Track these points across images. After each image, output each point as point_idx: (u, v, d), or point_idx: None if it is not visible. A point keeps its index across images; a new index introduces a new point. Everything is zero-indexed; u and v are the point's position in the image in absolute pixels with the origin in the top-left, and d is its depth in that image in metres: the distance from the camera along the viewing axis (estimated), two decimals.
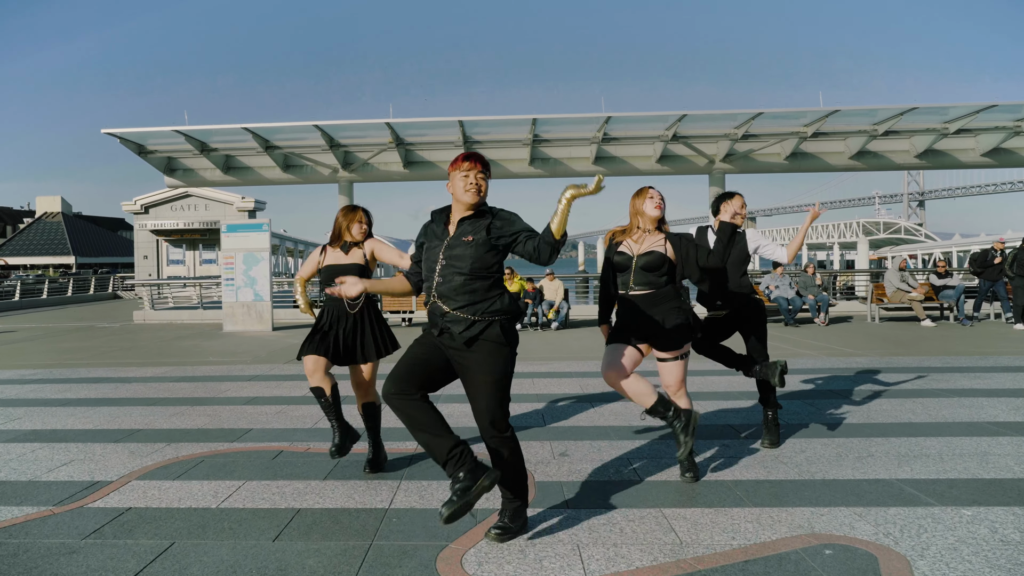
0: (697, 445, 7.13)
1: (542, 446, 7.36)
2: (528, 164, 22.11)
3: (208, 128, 20.75)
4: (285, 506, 5.69)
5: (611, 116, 19.73)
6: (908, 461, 6.60)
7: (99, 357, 15.56)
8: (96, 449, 7.60)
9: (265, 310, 20.91)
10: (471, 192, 4.70)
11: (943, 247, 72.29)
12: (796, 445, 7.23)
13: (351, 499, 5.83)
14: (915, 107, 19.52)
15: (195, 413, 9.32)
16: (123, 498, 5.97)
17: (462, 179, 4.71)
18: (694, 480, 6.08)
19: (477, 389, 4.69)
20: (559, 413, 8.92)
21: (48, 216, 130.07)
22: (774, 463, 6.61)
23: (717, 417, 8.57)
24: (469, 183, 4.69)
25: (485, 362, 4.66)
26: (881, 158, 22.50)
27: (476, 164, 4.74)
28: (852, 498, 5.62)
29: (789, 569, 4.34)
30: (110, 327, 23.45)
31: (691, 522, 5.15)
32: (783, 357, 13.43)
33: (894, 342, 16.01)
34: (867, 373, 11.51)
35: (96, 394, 10.89)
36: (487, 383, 4.66)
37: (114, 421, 8.97)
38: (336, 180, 22.76)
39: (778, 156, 22.32)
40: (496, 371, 4.67)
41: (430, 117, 20.03)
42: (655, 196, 6.06)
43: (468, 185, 4.69)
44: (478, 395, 4.69)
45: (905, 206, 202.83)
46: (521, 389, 10.26)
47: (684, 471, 6.14)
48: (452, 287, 4.66)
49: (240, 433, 8.19)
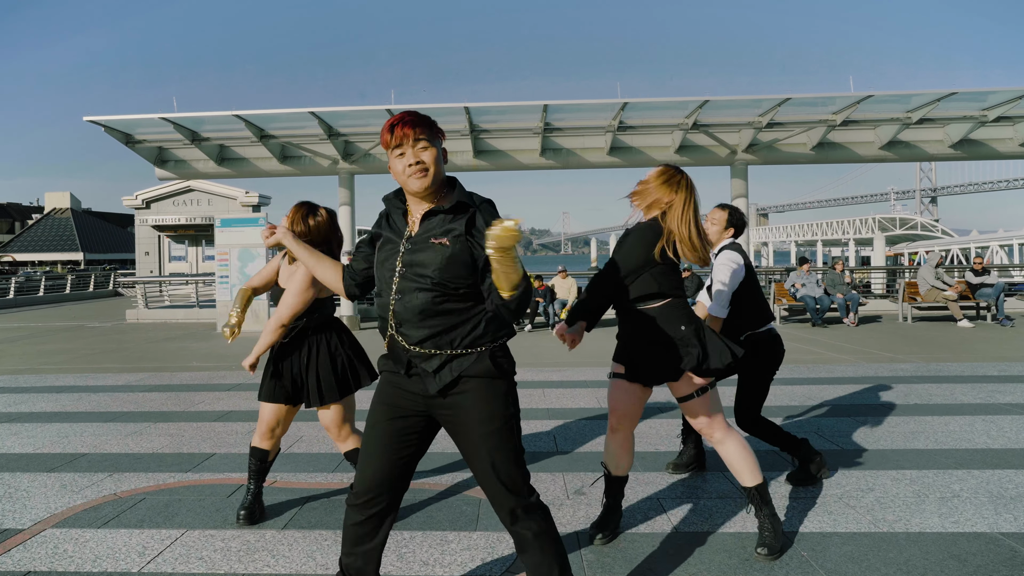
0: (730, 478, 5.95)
1: (554, 480, 6.12)
2: (539, 155, 20.89)
3: (198, 116, 19.59)
4: (225, 570, 4.45)
5: (627, 102, 18.43)
6: (1006, 505, 5.31)
7: (75, 362, 14.47)
8: (23, 481, 6.41)
9: (261, 309, 19.81)
10: (415, 177, 3.23)
11: (961, 243, 71.26)
12: (861, 480, 5.94)
13: (311, 559, 4.58)
14: (953, 92, 18.26)
15: (155, 432, 8.16)
16: (26, 556, 4.73)
17: (398, 159, 3.26)
18: (769, 557, 4.51)
19: (475, 446, 3.28)
20: (573, 434, 7.64)
21: (57, 212, 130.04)
22: (839, 507, 5.34)
23: (756, 441, 7.27)
24: (408, 164, 3.23)
25: (477, 408, 3.26)
26: (913, 148, 21.22)
27: (406, 129, 3.22)
28: (953, 563, 4.34)
29: None
30: (100, 327, 22.43)
31: None
32: (816, 363, 12.24)
33: (935, 345, 14.73)
34: (917, 382, 10.21)
35: (52, 407, 9.77)
36: (488, 435, 3.26)
37: (59, 443, 7.80)
38: (336, 172, 21.60)
39: (804, 146, 21.08)
40: (496, 416, 3.27)
41: (434, 104, 18.87)
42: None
43: (407, 168, 3.23)
44: (478, 453, 3.28)
45: (917, 202, 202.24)
46: (529, 403, 9.05)
47: (758, 544, 4.61)
48: (413, 308, 3.22)
49: (199, 460, 6.99)
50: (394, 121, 3.25)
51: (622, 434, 4.77)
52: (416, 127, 3.22)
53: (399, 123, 3.22)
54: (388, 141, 3.25)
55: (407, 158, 3.21)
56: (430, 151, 3.24)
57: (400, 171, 3.25)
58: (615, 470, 4.85)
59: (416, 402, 3.35)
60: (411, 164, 3.20)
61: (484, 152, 21.06)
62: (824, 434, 7.44)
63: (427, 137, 3.24)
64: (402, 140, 3.21)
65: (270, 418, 5.30)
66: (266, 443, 5.35)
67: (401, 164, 3.23)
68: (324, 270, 3.73)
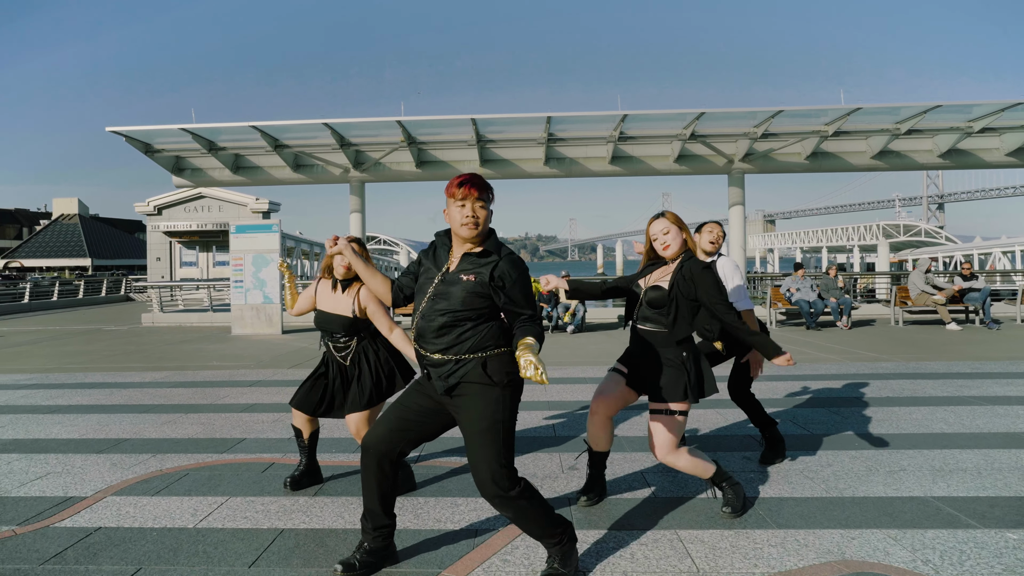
0: (717, 457, 6.69)
1: (551, 458, 6.91)
2: (543, 164, 21.61)
3: (216, 126, 20.29)
4: (268, 526, 5.25)
5: (627, 114, 19.17)
6: (944, 476, 6.11)
7: (99, 361, 15.17)
8: (76, 461, 7.18)
9: (275, 313, 20.49)
10: (467, 227, 4.06)
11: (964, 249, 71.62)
12: (822, 458, 6.73)
13: (340, 518, 5.39)
14: (939, 105, 18.95)
15: (187, 421, 8.88)
16: (94, 516, 5.54)
17: (458, 210, 4.08)
18: (732, 515, 5.28)
19: (468, 441, 4.12)
20: (571, 423, 8.40)
21: (65, 218, 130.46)
22: (799, 478, 6.13)
23: (738, 428, 8.07)
24: (466, 216, 4.06)
25: (470, 410, 4.10)
26: (904, 158, 21.92)
27: (472, 190, 4.04)
28: (885, 519, 5.14)
29: None
30: (117, 330, 23.08)
31: (709, 546, 4.69)
32: (805, 362, 12.98)
33: (920, 346, 15.43)
34: (894, 379, 10.98)
35: (88, 400, 10.48)
36: (477, 434, 4.07)
37: (101, 430, 8.54)
38: (347, 180, 22.33)
39: (798, 156, 21.79)
40: (485, 418, 4.06)
41: (442, 115, 19.55)
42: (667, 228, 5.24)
43: (464, 218, 4.06)
44: (469, 447, 4.12)
45: (924, 209, 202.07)
46: (532, 396, 9.79)
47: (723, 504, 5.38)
48: (432, 327, 4.11)
49: (232, 443, 7.75)
50: (463, 180, 4.08)
51: (600, 416, 5.47)
52: (480, 190, 4.06)
53: (467, 183, 4.06)
54: (455, 194, 4.07)
55: (466, 211, 4.05)
56: (484, 211, 4.09)
57: (456, 218, 4.08)
58: (595, 446, 5.62)
59: (433, 399, 4.28)
60: (468, 216, 4.04)
61: (490, 161, 21.76)
62: (798, 422, 8.21)
63: (484, 199, 4.09)
64: (466, 197, 4.04)
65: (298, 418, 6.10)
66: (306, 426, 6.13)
67: (460, 214, 4.06)
68: (377, 283, 4.54)
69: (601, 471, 5.73)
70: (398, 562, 4.56)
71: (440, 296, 4.10)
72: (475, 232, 4.06)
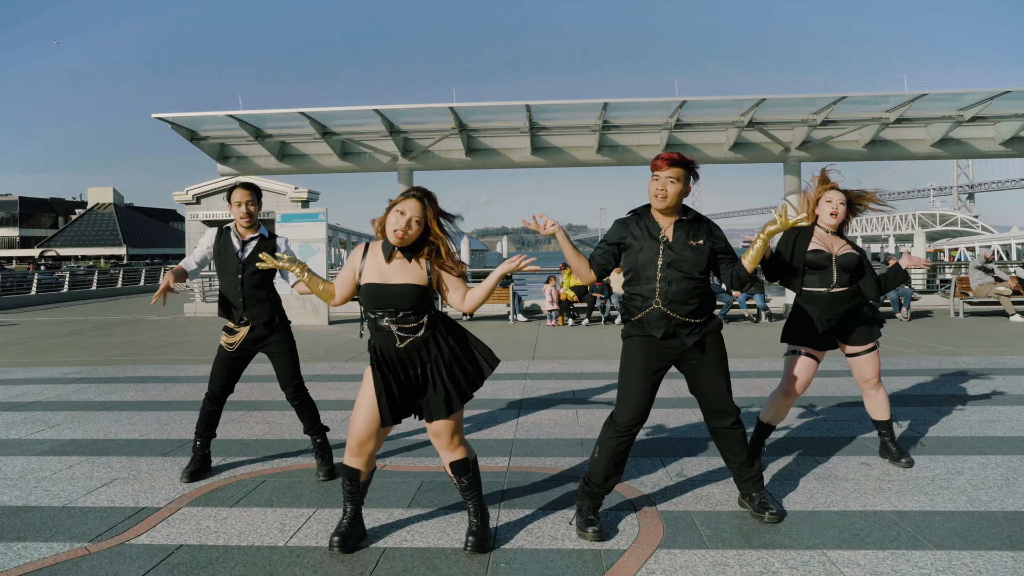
0: (830, 462, 6.28)
1: (651, 463, 6.45)
2: (596, 152, 21.13)
3: (263, 113, 20.07)
4: (366, 544, 4.79)
5: (686, 100, 18.68)
6: None
7: (147, 353, 14.93)
8: (142, 464, 6.78)
9: (321, 303, 20.20)
10: (657, 198, 4.76)
11: (1001, 239, 70.76)
12: (947, 465, 6.23)
13: (444, 535, 4.90)
14: (1008, 90, 18.37)
15: (251, 420, 8.52)
16: (172, 532, 5.08)
17: (653, 182, 4.76)
18: (776, 519, 4.98)
19: (711, 379, 4.90)
20: (658, 420, 7.99)
21: (100, 207, 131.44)
22: (932, 487, 5.62)
23: (844, 427, 7.57)
24: (657, 187, 4.74)
25: (714, 354, 4.91)
26: (965, 146, 21.36)
27: (664, 164, 4.71)
28: None
29: None
30: (160, 320, 22.97)
31: (868, 570, 4.20)
32: (881, 357, 12.49)
33: (993, 339, 14.91)
34: (986, 375, 10.45)
35: (143, 396, 10.17)
36: (720, 368, 4.93)
37: (162, 429, 8.18)
38: (395, 168, 21.99)
39: (856, 144, 21.26)
40: (723, 358, 4.97)
41: (495, 101, 19.23)
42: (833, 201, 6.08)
43: (656, 190, 4.75)
44: (712, 383, 4.91)
45: (955, 198, 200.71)
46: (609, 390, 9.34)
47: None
48: (680, 291, 4.76)
49: (303, 444, 7.32)
50: (661, 158, 4.74)
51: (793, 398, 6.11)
52: (672, 165, 4.70)
53: (665, 160, 4.72)
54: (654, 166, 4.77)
55: (659, 183, 4.73)
56: (676, 185, 4.72)
57: (652, 192, 4.78)
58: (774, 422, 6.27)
59: (671, 355, 4.91)
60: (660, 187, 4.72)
61: (541, 149, 21.32)
62: (900, 423, 7.69)
63: (676, 176, 4.72)
64: (658, 168, 4.72)
65: (363, 432, 4.64)
66: (365, 464, 4.76)
67: (653, 187, 4.76)
68: (580, 262, 4.99)
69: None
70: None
71: (677, 263, 4.78)
72: (663, 204, 4.76)
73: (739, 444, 4.99)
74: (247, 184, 6.42)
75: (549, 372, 11.53)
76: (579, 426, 7.82)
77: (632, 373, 4.87)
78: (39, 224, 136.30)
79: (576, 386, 10.20)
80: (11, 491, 6.02)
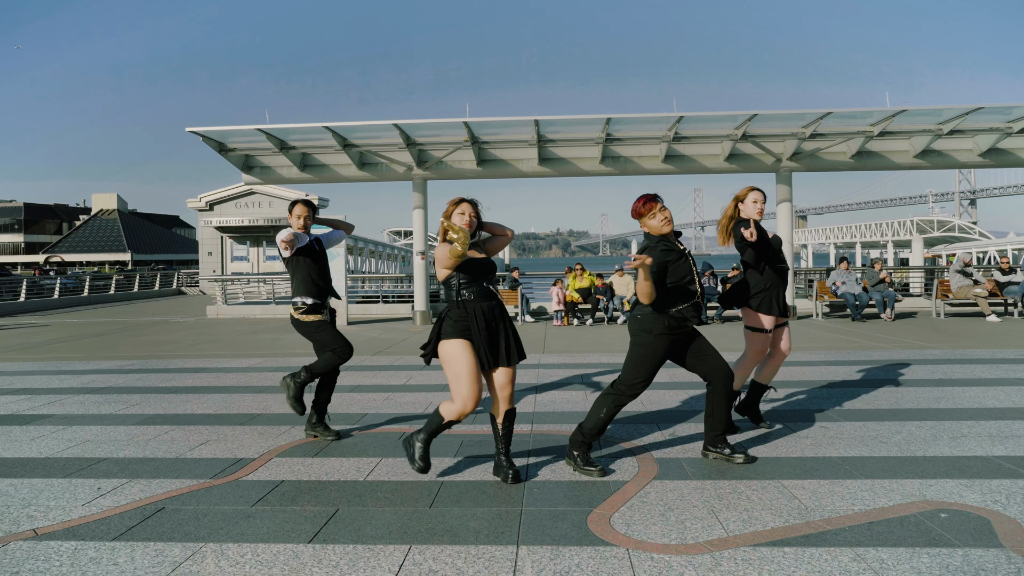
0: (796, 427, 7.64)
1: (649, 428, 7.89)
2: (599, 162, 22.41)
3: (288, 127, 21.30)
4: (428, 479, 6.17)
5: (684, 116, 20.01)
6: (1002, 441, 7.02)
7: (185, 349, 16.09)
8: (226, 431, 8.08)
9: (340, 306, 21.41)
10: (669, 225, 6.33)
11: (998, 245, 71.69)
12: (892, 427, 7.65)
13: (487, 474, 6.29)
14: (980, 107, 19.58)
15: (307, 400, 9.30)
16: (271, 472, 6.45)
17: (661, 216, 6.28)
18: (749, 461, 6.47)
19: (707, 349, 6.43)
20: (654, 401, 9.39)
21: (104, 213, 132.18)
22: (874, 442, 7.05)
23: (813, 402, 8.99)
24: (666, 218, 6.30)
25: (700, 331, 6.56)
26: (945, 156, 22.53)
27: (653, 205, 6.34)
28: (955, 471, 6.07)
29: (911, 529, 4.80)
30: (185, 321, 24.22)
31: (810, 491, 5.62)
32: (858, 349, 13.86)
33: (964, 336, 16.30)
34: (946, 364, 11.87)
35: (201, 383, 11.37)
36: (709, 343, 6.50)
37: (231, 406, 9.48)
38: (410, 178, 23.20)
39: (843, 155, 22.45)
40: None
41: (506, 116, 20.45)
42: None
43: (664, 222, 6.28)
44: (710, 351, 6.43)
45: (956, 204, 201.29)
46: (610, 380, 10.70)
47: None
48: (704, 290, 6.56)
49: (357, 417, 8.68)
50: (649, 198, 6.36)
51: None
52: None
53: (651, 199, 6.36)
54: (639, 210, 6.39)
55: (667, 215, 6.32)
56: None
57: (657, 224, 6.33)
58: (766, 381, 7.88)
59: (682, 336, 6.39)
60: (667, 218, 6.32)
61: (548, 160, 22.58)
62: (863, 398, 9.14)
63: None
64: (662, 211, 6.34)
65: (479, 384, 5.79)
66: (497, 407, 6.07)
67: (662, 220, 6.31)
68: (646, 285, 6.18)
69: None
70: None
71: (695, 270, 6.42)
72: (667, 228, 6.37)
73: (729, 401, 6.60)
74: (307, 202, 8.08)
75: (559, 363, 12.90)
76: (588, 402, 9.14)
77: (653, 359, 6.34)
78: (44, 230, 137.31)
79: (585, 372, 11.66)
80: (129, 447, 7.43)
